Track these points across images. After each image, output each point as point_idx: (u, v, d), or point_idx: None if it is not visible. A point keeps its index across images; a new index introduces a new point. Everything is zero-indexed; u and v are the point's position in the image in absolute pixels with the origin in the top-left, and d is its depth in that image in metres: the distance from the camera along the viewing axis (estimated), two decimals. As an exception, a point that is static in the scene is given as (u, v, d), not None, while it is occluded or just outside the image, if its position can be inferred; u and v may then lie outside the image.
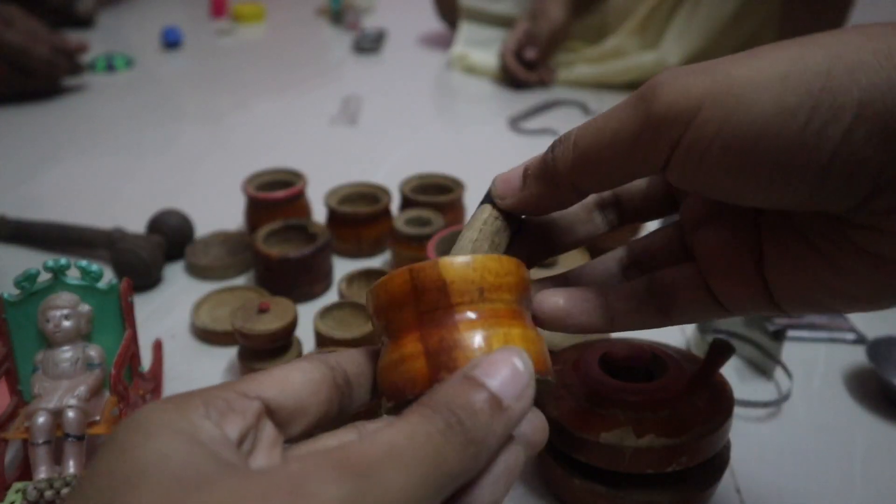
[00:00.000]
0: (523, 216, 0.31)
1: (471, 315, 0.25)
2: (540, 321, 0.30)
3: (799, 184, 0.22)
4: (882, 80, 0.21)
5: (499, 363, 0.22)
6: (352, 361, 0.26)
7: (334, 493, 0.17)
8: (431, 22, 1.33)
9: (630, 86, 1.01)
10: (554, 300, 0.30)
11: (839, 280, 0.25)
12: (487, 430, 0.20)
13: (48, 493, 0.34)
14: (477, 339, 0.24)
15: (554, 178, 0.27)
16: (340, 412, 0.25)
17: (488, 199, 0.30)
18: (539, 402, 0.23)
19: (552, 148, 0.27)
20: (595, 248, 0.58)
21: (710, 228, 0.29)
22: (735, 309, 0.29)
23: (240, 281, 0.60)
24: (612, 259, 0.33)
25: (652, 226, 0.58)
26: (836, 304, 0.26)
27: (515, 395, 0.21)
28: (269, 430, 0.22)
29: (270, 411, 0.22)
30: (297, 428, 0.23)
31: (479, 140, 0.90)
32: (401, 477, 0.18)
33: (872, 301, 0.25)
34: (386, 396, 0.26)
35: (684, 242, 0.31)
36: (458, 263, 0.25)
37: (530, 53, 1.05)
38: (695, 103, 0.22)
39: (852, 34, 0.22)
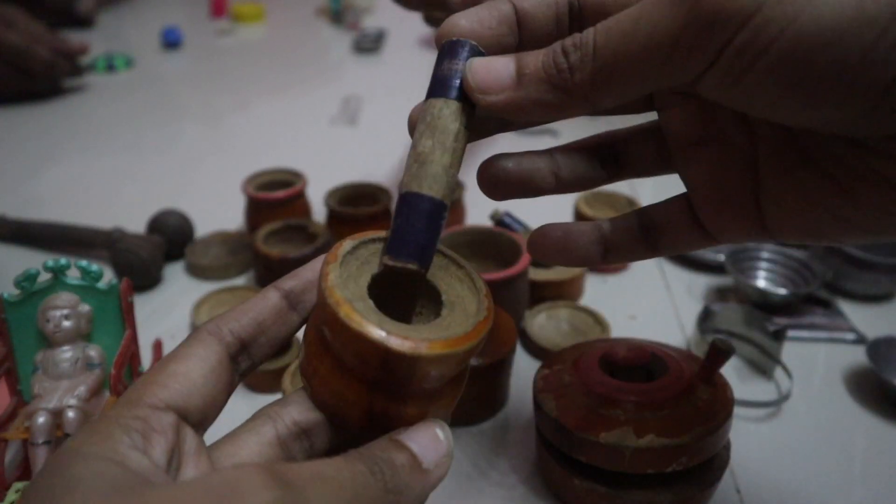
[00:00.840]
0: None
1: (422, 394, 0.24)
2: (541, 254, 0.31)
3: (853, 102, 0.20)
4: None
5: (422, 431, 0.23)
6: (247, 323, 0.25)
7: (266, 497, 0.18)
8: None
9: None
10: (555, 234, 0.30)
11: (850, 209, 0.23)
12: (406, 485, 0.22)
13: (48, 493, 0.34)
14: (417, 415, 0.24)
15: (566, 89, 0.24)
16: (241, 377, 0.25)
17: (451, 90, 0.25)
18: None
19: (565, 53, 0.23)
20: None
21: (700, 151, 0.27)
22: (723, 238, 0.28)
23: (240, 281, 0.60)
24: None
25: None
26: (840, 234, 0.25)
27: (434, 462, 0.23)
28: (189, 437, 0.22)
29: (184, 416, 0.22)
30: (210, 421, 0.24)
31: (479, 140, 0.90)
32: (323, 499, 0.19)
33: (883, 233, 0.24)
34: (313, 399, 0.25)
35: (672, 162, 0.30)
36: (437, 361, 0.23)
37: None
38: (748, 8, 0.19)
39: None
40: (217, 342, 0.24)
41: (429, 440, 0.23)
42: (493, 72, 0.24)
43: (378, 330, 0.22)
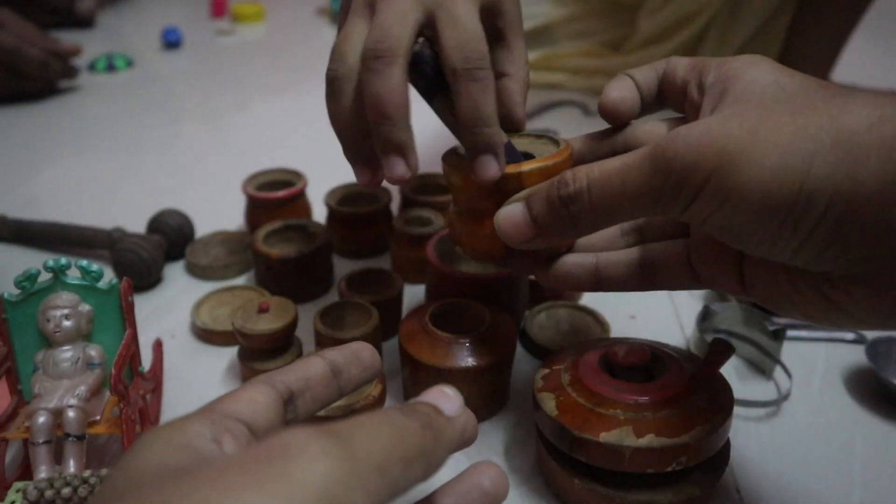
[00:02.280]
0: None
1: None
2: (545, 283, 0.38)
3: (778, 255, 0.28)
4: (837, 177, 0.25)
5: (430, 392, 0.26)
6: (296, 378, 0.27)
7: (318, 448, 0.18)
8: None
9: None
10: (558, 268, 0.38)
11: (801, 301, 0.30)
12: (437, 424, 0.23)
13: (48, 493, 0.34)
14: None
15: (573, 230, 0.32)
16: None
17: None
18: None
19: (565, 205, 0.31)
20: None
21: None
22: (709, 286, 0.35)
23: (240, 281, 0.60)
24: (613, 230, 0.38)
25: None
26: (796, 314, 0.31)
27: (453, 410, 0.25)
28: None
29: (252, 432, 0.23)
30: None
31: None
32: (370, 440, 0.20)
33: (822, 322, 0.31)
34: (468, 253, 0.38)
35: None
36: (535, 174, 0.34)
37: None
38: (703, 176, 0.27)
39: (821, 111, 0.26)
40: (270, 386, 0.25)
41: (439, 395, 0.26)
42: (517, 227, 0.33)
43: None
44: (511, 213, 0.33)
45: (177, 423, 0.22)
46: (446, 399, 0.25)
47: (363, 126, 0.36)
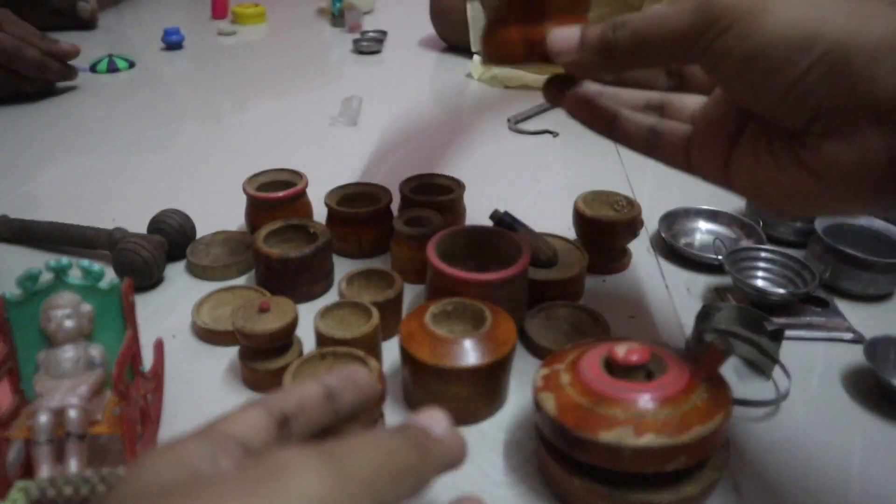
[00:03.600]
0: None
1: (560, 15, 0.38)
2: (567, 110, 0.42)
3: (772, 95, 0.31)
4: (843, 31, 0.28)
5: (421, 414, 0.27)
6: (291, 401, 0.27)
7: (309, 465, 0.19)
8: (431, 23, 1.33)
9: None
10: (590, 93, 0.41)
11: (782, 179, 0.33)
12: (425, 444, 0.24)
13: (50, 492, 0.34)
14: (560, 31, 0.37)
15: (612, 54, 0.35)
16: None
17: None
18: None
19: (614, 30, 0.35)
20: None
21: (716, 102, 0.37)
22: (696, 171, 0.39)
23: (240, 281, 0.60)
24: (641, 95, 0.42)
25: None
26: (772, 196, 0.34)
27: (442, 431, 0.26)
28: None
29: (248, 452, 0.24)
30: None
31: (479, 140, 0.90)
32: (362, 460, 0.21)
33: (801, 204, 0.33)
34: (491, 60, 0.41)
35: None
36: None
37: None
38: (734, 17, 0.30)
39: None
40: (265, 409, 0.26)
41: (428, 416, 0.26)
42: (566, 39, 0.37)
43: None
44: (566, 30, 0.37)
45: (175, 443, 0.22)
46: (434, 420, 0.26)
47: None
